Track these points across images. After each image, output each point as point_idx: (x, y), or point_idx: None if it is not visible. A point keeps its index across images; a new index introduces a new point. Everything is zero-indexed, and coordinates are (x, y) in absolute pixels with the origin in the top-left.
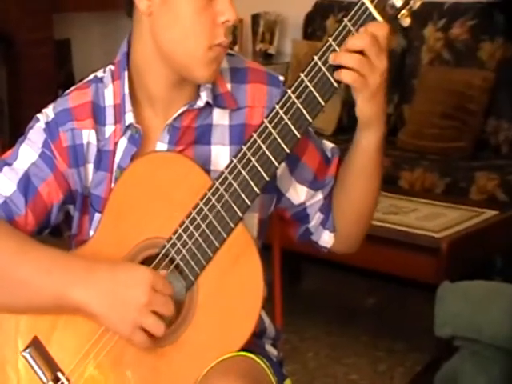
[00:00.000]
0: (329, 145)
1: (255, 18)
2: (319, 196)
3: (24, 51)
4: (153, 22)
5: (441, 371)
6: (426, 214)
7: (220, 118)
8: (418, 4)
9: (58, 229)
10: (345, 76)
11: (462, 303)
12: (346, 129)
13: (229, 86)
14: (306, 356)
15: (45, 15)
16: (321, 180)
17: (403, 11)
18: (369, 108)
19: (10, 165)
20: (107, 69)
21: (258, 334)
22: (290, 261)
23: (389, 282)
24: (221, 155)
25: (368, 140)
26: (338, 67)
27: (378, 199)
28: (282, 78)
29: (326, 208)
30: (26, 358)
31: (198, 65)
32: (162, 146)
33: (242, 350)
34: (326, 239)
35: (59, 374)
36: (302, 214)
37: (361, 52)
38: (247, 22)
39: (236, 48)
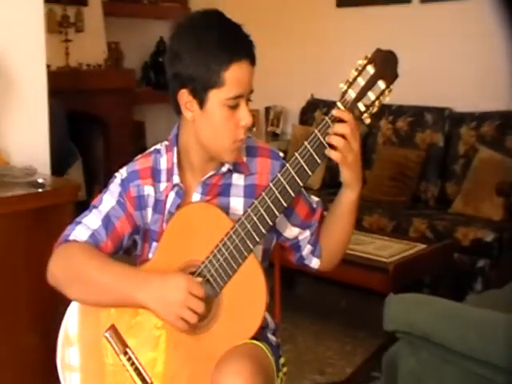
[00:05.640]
0: (315, 198)
1: (267, 109)
2: (307, 233)
3: (113, 129)
4: (194, 124)
5: (387, 353)
6: (379, 245)
7: (237, 179)
8: (375, 109)
9: (128, 250)
10: (333, 155)
11: (401, 308)
12: (328, 185)
13: (245, 159)
14: (297, 339)
15: (127, 106)
16: (308, 222)
17: (365, 114)
18: (348, 175)
19: (96, 207)
20: (163, 143)
21: (263, 327)
22: (287, 274)
23: (355, 290)
24: (236, 204)
25: (347, 196)
26: (324, 148)
27: (352, 236)
28: (281, 154)
29: (314, 242)
30: (106, 337)
31: (225, 153)
32: (196, 195)
33: (251, 338)
34: (315, 263)
35: (127, 349)
36: (296, 245)
37: (343, 137)
38: (262, 112)
39: (254, 129)
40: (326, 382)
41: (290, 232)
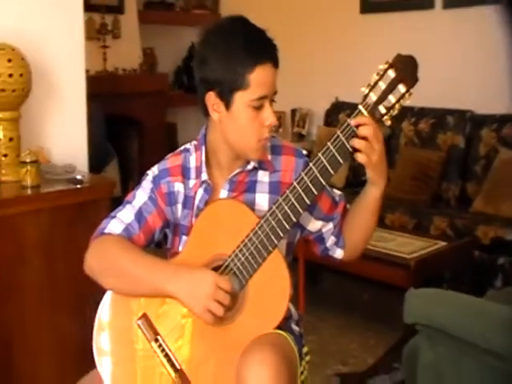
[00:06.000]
0: (337, 192)
1: (293, 111)
2: (331, 225)
3: (147, 130)
4: (221, 125)
5: (407, 345)
6: (401, 242)
7: (262, 176)
8: (395, 112)
9: (159, 243)
10: (359, 158)
11: (421, 302)
12: (351, 184)
13: (270, 157)
14: (321, 332)
15: (161, 108)
16: (331, 215)
17: (386, 116)
18: (373, 175)
19: (130, 203)
20: (192, 143)
21: (286, 318)
22: (312, 269)
23: (377, 285)
24: (261, 201)
25: (371, 192)
26: (346, 149)
27: (375, 229)
28: (305, 152)
29: (337, 233)
30: (138, 325)
31: (250, 151)
32: (224, 192)
33: (276, 328)
34: (339, 253)
35: (158, 336)
36: (320, 238)
37: (366, 139)
38: (288, 114)
39: (280, 130)
40: (348, 372)
41: (313, 225)
